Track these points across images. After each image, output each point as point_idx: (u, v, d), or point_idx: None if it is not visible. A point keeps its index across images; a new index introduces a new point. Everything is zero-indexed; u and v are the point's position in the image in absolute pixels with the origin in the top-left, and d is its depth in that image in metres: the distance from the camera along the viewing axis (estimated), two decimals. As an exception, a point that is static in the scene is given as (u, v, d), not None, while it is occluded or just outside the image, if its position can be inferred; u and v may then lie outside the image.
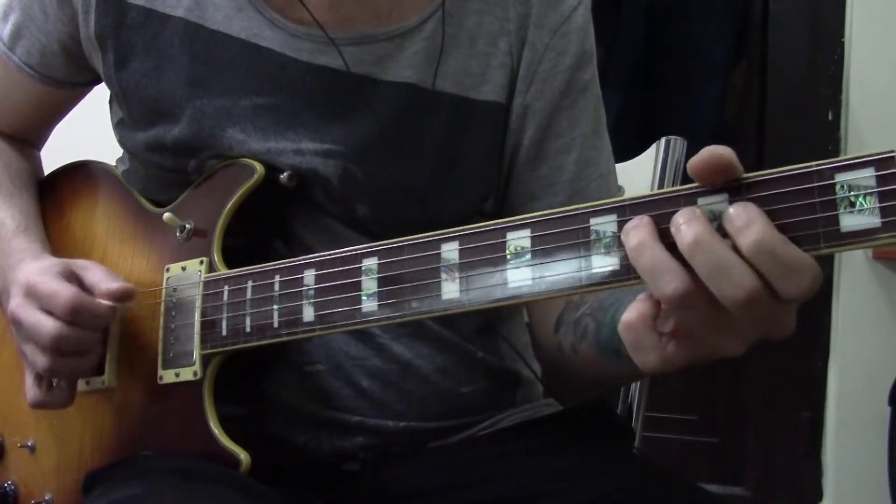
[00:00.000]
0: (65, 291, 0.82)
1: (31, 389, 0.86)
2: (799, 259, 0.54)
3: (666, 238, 0.58)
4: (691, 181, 0.59)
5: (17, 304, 0.84)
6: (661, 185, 1.16)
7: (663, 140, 1.18)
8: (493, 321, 0.99)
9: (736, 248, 0.55)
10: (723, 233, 0.56)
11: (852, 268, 2.20)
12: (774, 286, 0.54)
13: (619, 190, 1.00)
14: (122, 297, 0.84)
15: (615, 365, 0.77)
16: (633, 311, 0.60)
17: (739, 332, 0.58)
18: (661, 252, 0.57)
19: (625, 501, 0.82)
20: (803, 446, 2.28)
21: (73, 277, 0.85)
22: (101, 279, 0.85)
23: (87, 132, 1.30)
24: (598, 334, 0.79)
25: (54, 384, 0.86)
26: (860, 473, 2.19)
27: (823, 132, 2.23)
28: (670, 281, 0.56)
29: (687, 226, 0.56)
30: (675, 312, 0.58)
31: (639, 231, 0.58)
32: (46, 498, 0.93)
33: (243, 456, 0.80)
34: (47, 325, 0.81)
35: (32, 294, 0.83)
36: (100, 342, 0.86)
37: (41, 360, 0.83)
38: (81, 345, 0.83)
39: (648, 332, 0.60)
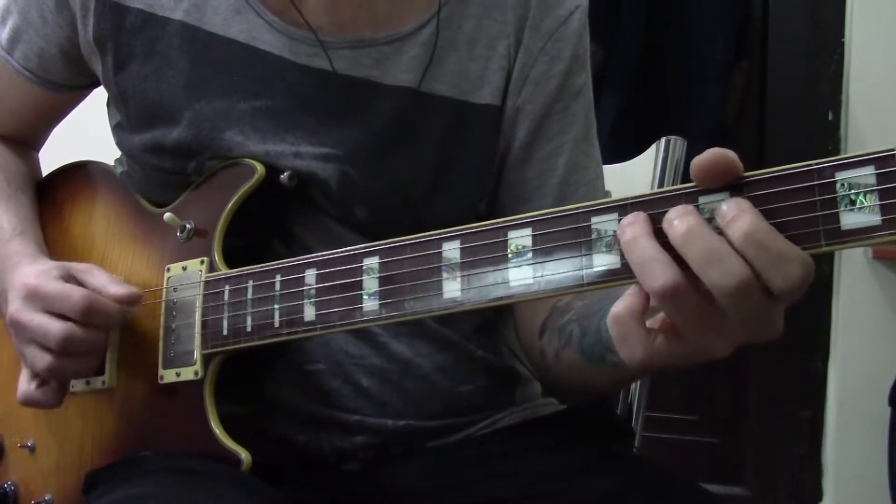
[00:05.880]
0: (76, 292, 0.82)
1: (22, 384, 0.86)
2: (788, 250, 0.55)
3: (662, 237, 0.58)
4: (691, 181, 0.59)
5: (17, 308, 0.84)
6: (660, 186, 1.16)
7: (663, 140, 1.18)
8: (492, 319, 0.99)
9: (729, 242, 0.56)
10: (719, 230, 0.57)
11: (852, 268, 2.20)
12: (765, 277, 0.55)
13: (607, 196, 0.99)
14: (131, 301, 0.84)
15: (598, 371, 0.78)
16: (621, 304, 0.61)
17: (727, 330, 0.59)
18: (653, 245, 0.58)
19: (624, 500, 0.82)
20: (803, 446, 2.28)
21: (72, 280, 0.85)
22: (105, 283, 0.85)
23: (89, 134, 1.30)
24: (582, 340, 0.79)
25: (47, 383, 0.86)
26: (860, 473, 2.19)
27: (823, 132, 2.23)
28: (661, 273, 0.57)
29: (679, 219, 0.57)
30: (665, 306, 0.59)
31: (634, 227, 0.59)
32: (46, 498, 0.93)
33: (244, 455, 0.80)
34: (55, 326, 0.81)
35: (34, 296, 0.83)
36: (103, 343, 0.86)
37: (44, 359, 0.83)
38: (88, 345, 0.83)
39: (636, 326, 0.61)
